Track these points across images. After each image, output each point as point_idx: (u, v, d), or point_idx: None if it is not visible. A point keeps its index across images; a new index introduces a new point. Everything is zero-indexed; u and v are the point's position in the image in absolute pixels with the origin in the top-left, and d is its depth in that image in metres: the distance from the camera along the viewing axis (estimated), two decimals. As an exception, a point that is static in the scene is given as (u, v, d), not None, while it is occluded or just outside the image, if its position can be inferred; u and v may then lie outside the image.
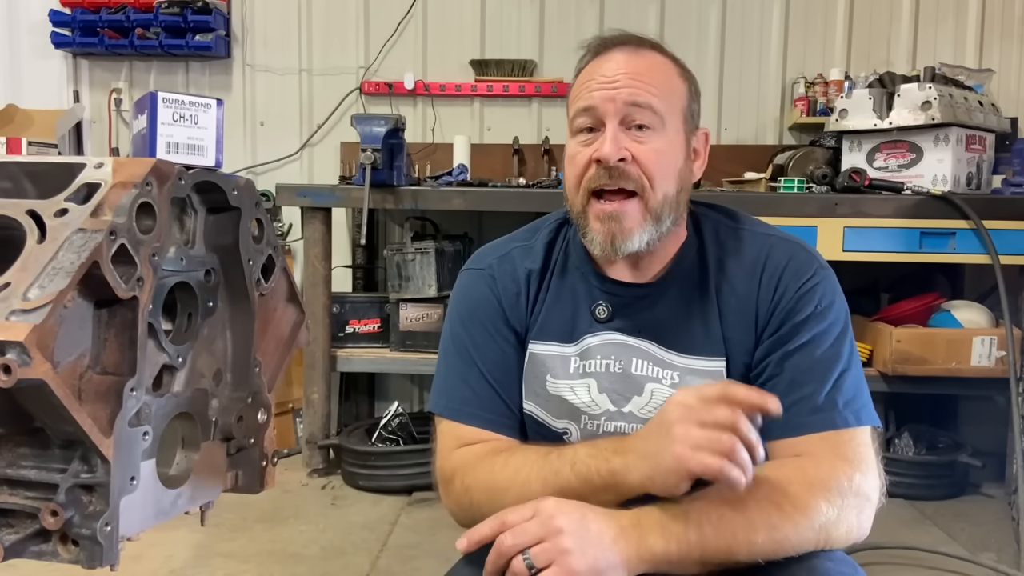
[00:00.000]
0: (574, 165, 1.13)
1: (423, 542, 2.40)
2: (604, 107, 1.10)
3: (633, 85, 1.09)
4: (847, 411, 1.06)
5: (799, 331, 1.10)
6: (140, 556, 2.19)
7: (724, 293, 1.15)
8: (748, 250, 1.16)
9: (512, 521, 0.95)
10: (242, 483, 0.96)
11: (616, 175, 1.09)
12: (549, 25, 3.54)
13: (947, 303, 2.92)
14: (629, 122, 1.10)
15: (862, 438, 1.06)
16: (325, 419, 2.98)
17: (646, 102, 1.09)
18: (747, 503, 0.97)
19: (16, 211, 0.76)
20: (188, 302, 0.87)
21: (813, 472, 1.01)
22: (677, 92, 1.14)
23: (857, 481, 1.01)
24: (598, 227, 1.11)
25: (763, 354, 1.12)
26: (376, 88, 3.54)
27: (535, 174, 3.38)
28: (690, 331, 1.14)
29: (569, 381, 1.17)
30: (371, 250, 3.48)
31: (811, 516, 0.98)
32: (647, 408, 1.14)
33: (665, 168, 1.11)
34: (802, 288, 1.12)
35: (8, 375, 0.65)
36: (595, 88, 1.11)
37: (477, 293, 1.22)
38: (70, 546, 0.75)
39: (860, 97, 2.87)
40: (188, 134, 0.90)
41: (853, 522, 1.00)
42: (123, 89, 3.59)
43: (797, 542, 0.97)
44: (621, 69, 1.11)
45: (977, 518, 2.63)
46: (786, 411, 1.06)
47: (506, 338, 1.19)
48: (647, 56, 1.14)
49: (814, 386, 1.07)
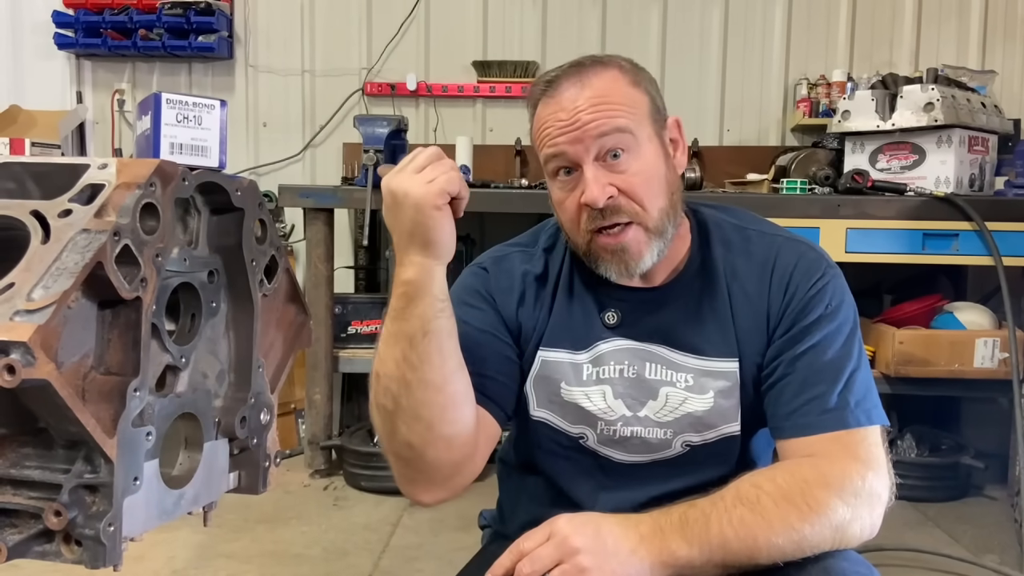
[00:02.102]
0: (565, 211, 1.12)
1: (425, 543, 2.40)
2: (574, 150, 1.08)
3: (593, 115, 1.07)
4: (858, 411, 1.06)
5: (810, 332, 1.10)
6: (143, 557, 2.19)
7: (735, 294, 1.15)
8: (757, 250, 1.16)
9: (528, 548, 0.95)
10: (244, 484, 0.96)
11: (609, 213, 1.08)
12: (551, 26, 3.54)
13: (950, 305, 2.92)
14: (604, 154, 1.08)
15: (873, 437, 1.06)
16: (327, 420, 2.98)
17: (612, 127, 1.07)
18: (765, 504, 0.98)
19: (20, 212, 0.76)
20: (191, 303, 0.87)
21: (828, 472, 1.01)
22: (634, 98, 1.11)
23: (870, 480, 1.01)
24: (609, 258, 1.11)
25: (774, 354, 1.12)
26: (379, 89, 3.54)
27: (537, 175, 3.37)
28: (702, 332, 1.14)
29: (584, 388, 1.17)
30: (373, 251, 3.48)
31: (828, 515, 0.98)
32: (663, 412, 1.14)
33: (651, 186, 1.10)
34: (812, 289, 1.12)
35: (12, 375, 0.65)
36: (556, 134, 1.08)
37: (467, 281, 1.23)
38: (73, 546, 0.75)
39: (863, 98, 2.87)
40: (192, 135, 0.90)
41: (866, 521, 1.01)
42: (126, 90, 3.60)
43: (815, 542, 0.98)
44: (576, 103, 1.07)
45: (980, 520, 2.63)
46: (798, 411, 1.07)
47: (486, 313, 1.18)
48: (591, 79, 1.10)
49: (826, 386, 1.07)
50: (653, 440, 1.15)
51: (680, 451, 1.15)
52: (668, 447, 1.15)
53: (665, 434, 1.15)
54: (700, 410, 1.13)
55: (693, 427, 1.14)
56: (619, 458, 1.17)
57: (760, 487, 1.00)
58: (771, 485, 1.00)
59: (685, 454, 1.15)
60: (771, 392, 1.11)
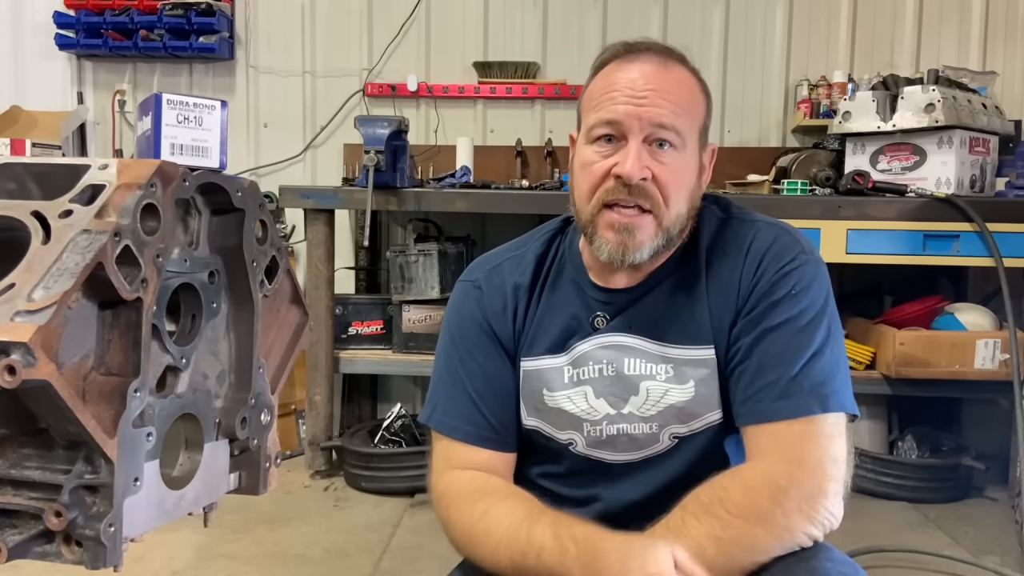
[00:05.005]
0: (589, 174, 1.11)
1: (426, 544, 2.39)
2: (629, 123, 1.08)
3: (661, 104, 1.07)
4: (811, 397, 1.04)
5: (770, 313, 1.09)
6: (143, 557, 2.19)
7: (711, 280, 1.14)
8: (735, 236, 1.16)
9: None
10: (245, 484, 0.96)
11: (636, 193, 1.08)
12: (552, 27, 3.54)
13: (950, 306, 2.91)
14: (651, 139, 1.08)
15: (819, 427, 1.04)
16: (328, 421, 2.98)
17: (671, 123, 1.08)
18: (688, 523, 0.99)
19: (21, 212, 0.76)
20: (192, 303, 0.87)
21: (750, 475, 1.02)
22: (698, 110, 1.13)
23: (798, 477, 1.00)
24: (610, 236, 1.10)
25: (736, 335, 1.11)
26: (379, 90, 3.54)
27: (538, 176, 3.38)
28: (680, 322, 1.14)
29: (565, 391, 1.17)
30: (374, 252, 3.48)
31: (754, 518, 0.98)
32: (646, 406, 1.14)
33: (681, 188, 1.11)
34: (780, 271, 1.11)
35: (13, 376, 0.65)
36: (620, 100, 1.08)
37: (465, 309, 1.23)
38: (74, 547, 0.75)
39: (863, 99, 2.87)
40: (192, 136, 0.90)
41: (807, 515, 0.99)
42: (127, 91, 3.60)
43: (755, 547, 0.98)
44: (649, 83, 1.08)
45: (980, 521, 2.63)
46: (752, 397, 1.06)
47: (489, 353, 1.20)
48: (674, 71, 1.11)
49: (781, 371, 1.06)
50: (640, 436, 1.15)
51: (669, 444, 1.15)
52: (656, 441, 1.15)
53: (651, 428, 1.15)
54: (682, 400, 1.13)
55: (677, 418, 1.14)
56: (610, 459, 1.17)
57: (685, 508, 1.01)
58: (694, 504, 1.01)
59: (674, 447, 1.15)
60: (732, 376, 1.11)
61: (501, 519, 1.06)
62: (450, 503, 1.13)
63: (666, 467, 1.16)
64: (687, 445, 1.15)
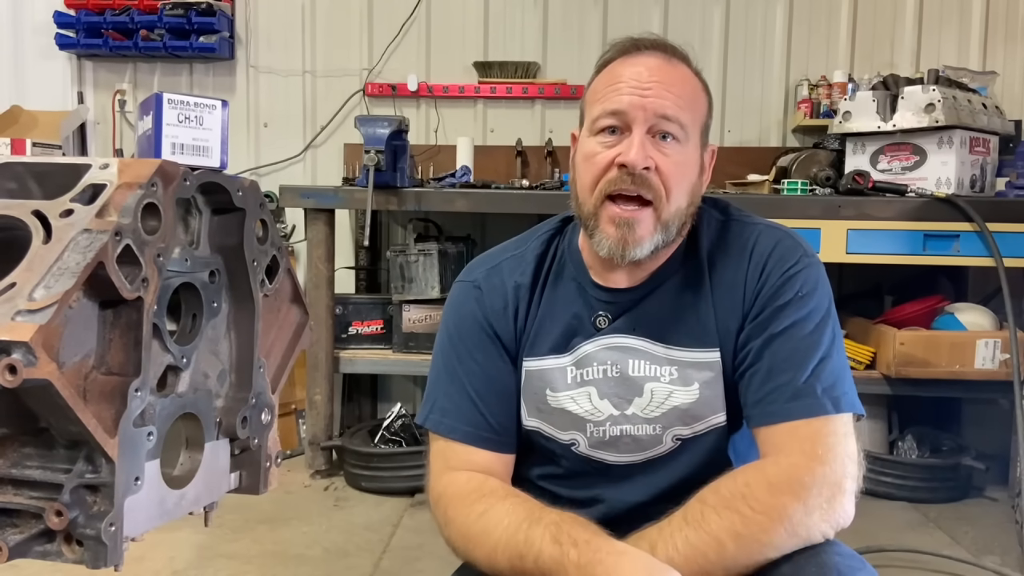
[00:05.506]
0: (593, 165, 1.11)
1: (426, 543, 2.39)
2: (634, 113, 1.09)
3: (665, 96, 1.09)
4: (825, 398, 1.05)
5: (779, 317, 1.10)
6: (143, 557, 2.19)
7: (716, 283, 1.15)
8: (738, 239, 1.17)
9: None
10: (245, 484, 0.96)
11: (639, 182, 1.08)
12: (552, 27, 3.54)
13: (951, 306, 2.91)
14: (655, 131, 1.09)
15: (838, 426, 1.05)
16: (328, 420, 2.98)
17: (675, 115, 1.09)
18: (709, 519, 0.99)
19: (22, 212, 0.76)
20: (192, 303, 0.87)
21: (772, 471, 1.02)
22: (700, 107, 1.15)
23: (820, 473, 1.00)
24: (611, 231, 1.10)
25: (745, 340, 1.12)
26: (380, 90, 3.54)
27: (538, 176, 3.38)
28: (685, 324, 1.14)
29: (569, 392, 1.17)
30: (374, 252, 3.48)
31: (774, 515, 0.98)
32: (650, 407, 1.14)
33: (682, 182, 1.11)
34: (785, 274, 1.12)
35: (14, 375, 0.65)
36: (625, 91, 1.09)
37: (465, 309, 1.22)
38: (74, 546, 0.75)
39: (864, 99, 2.87)
40: (193, 135, 0.90)
41: (826, 513, 1.00)
42: (127, 90, 3.60)
43: (773, 543, 0.98)
44: (654, 76, 1.10)
45: (980, 521, 2.63)
46: (765, 399, 1.07)
47: (489, 353, 1.19)
48: (678, 67, 1.13)
49: (792, 373, 1.06)
50: (643, 437, 1.15)
51: (671, 446, 1.15)
52: (659, 443, 1.15)
53: (654, 430, 1.15)
54: (686, 402, 1.13)
55: (681, 420, 1.14)
56: (612, 460, 1.17)
57: (705, 501, 1.01)
58: (715, 497, 1.01)
59: (676, 449, 1.15)
60: (743, 379, 1.11)
61: (500, 520, 1.06)
62: (448, 504, 1.12)
63: (668, 469, 1.16)
64: (690, 447, 1.15)
